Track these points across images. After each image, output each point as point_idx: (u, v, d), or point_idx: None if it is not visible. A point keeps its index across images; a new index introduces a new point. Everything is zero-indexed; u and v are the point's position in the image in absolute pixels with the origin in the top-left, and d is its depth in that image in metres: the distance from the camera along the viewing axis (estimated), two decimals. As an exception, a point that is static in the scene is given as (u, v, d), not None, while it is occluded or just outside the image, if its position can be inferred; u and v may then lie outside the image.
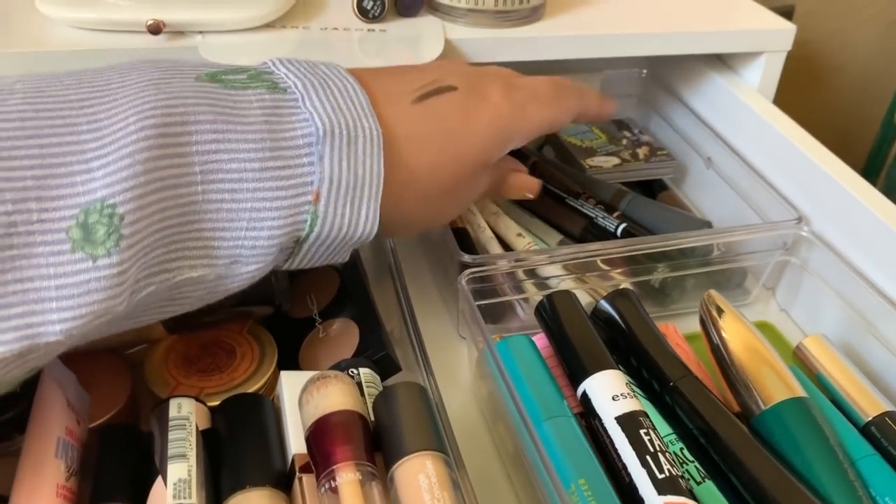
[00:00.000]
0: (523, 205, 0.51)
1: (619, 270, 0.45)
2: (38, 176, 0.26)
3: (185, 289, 0.30)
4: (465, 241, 0.46)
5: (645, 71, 0.63)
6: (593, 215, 0.48)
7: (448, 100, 0.36)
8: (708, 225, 0.49)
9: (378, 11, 0.45)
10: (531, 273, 0.43)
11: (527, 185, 0.44)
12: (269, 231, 0.30)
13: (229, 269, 0.30)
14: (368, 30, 0.45)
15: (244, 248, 0.30)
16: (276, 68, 0.33)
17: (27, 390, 0.33)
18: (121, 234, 0.26)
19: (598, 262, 0.44)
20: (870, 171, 0.94)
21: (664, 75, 0.61)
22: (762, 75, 0.52)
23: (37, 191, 0.25)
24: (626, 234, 0.47)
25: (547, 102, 0.40)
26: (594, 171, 0.54)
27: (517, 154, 0.40)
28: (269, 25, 0.44)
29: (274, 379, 0.38)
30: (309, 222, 0.31)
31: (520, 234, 0.48)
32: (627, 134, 0.59)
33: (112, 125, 0.27)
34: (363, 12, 0.45)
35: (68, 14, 0.42)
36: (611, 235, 0.47)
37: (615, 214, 0.48)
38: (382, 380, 0.36)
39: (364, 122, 0.32)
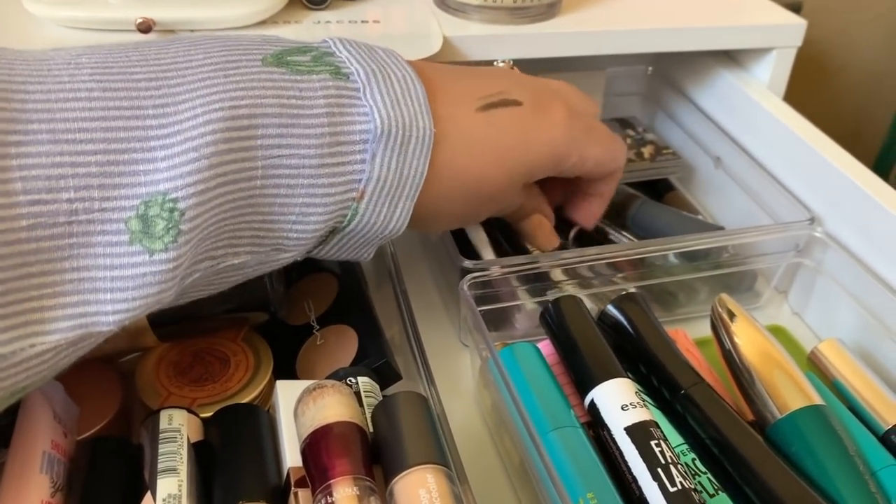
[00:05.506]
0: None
1: (626, 274, 0.44)
2: (101, 162, 0.25)
3: (224, 274, 0.30)
4: (465, 244, 0.45)
5: (651, 68, 0.62)
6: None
7: (512, 113, 0.36)
8: (720, 229, 0.47)
9: None
10: (535, 278, 0.41)
11: (545, 240, 0.43)
12: (314, 225, 0.30)
13: (270, 255, 0.31)
14: (362, 21, 0.44)
15: (289, 238, 0.30)
16: (338, 49, 0.32)
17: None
18: (180, 229, 0.26)
19: (605, 266, 0.42)
20: (879, 170, 0.93)
21: (670, 72, 0.60)
22: (772, 72, 0.51)
23: (100, 178, 0.25)
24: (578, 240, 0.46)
25: (600, 141, 0.40)
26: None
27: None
28: (261, 23, 0.43)
29: (269, 389, 0.37)
30: (349, 217, 0.31)
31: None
32: (631, 132, 0.58)
33: (178, 113, 0.27)
34: None
35: (56, 13, 0.41)
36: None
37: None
38: (382, 388, 0.35)
39: (420, 120, 0.32)
